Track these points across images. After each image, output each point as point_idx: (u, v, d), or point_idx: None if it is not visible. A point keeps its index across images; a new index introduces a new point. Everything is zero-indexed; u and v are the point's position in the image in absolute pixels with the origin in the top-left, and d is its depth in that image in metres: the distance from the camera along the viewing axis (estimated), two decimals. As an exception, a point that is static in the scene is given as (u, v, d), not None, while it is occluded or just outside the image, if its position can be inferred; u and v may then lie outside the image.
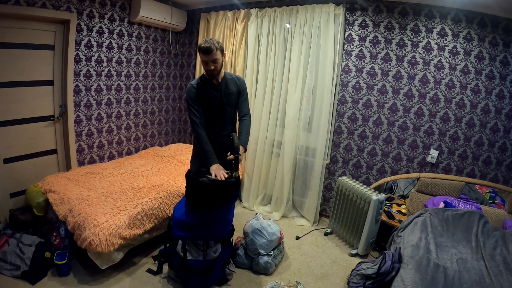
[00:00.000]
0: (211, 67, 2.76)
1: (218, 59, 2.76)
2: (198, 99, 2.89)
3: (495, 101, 3.47)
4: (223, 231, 2.87)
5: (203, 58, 2.75)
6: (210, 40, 2.72)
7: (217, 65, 2.78)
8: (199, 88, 2.89)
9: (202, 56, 2.74)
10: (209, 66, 2.76)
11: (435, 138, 3.77)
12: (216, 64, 2.77)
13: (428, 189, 3.69)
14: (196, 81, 2.93)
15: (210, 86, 2.91)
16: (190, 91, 2.90)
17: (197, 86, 2.90)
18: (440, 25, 3.57)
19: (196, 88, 2.89)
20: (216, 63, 2.76)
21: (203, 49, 2.69)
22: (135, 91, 4.96)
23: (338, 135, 4.31)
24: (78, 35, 3.95)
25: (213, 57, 2.72)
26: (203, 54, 2.72)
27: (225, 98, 2.96)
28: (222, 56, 2.84)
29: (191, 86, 2.91)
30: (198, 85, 2.90)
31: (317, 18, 3.98)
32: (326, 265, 3.45)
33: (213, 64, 2.75)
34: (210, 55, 2.71)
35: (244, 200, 4.84)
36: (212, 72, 2.80)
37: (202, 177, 2.64)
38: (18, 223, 3.36)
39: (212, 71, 2.79)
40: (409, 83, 3.80)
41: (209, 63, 2.75)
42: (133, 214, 3.00)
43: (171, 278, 3.03)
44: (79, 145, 4.27)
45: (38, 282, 2.81)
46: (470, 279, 2.29)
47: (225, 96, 2.96)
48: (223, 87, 2.95)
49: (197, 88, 2.89)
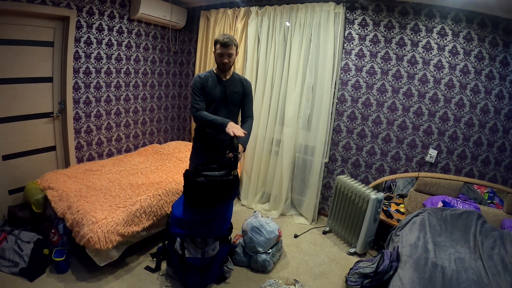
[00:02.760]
0: (225, 60, 2.90)
1: (233, 54, 2.93)
2: (202, 89, 2.96)
3: (494, 102, 3.47)
4: (222, 229, 2.88)
5: (220, 50, 2.88)
6: (228, 35, 2.90)
7: (230, 60, 2.93)
8: (206, 80, 2.99)
9: (220, 48, 2.88)
10: (224, 58, 2.90)
11: (434, 138, 3.77)
12: (231, 58, 2.93)
13: (426, 188, 3.70)
14: (204, 74, 3.05)
15: (217, 81, 3.01)
16: (196, 81, 2.97)
17: (204, 77, 3.00)
18: (440, 24, 3.56)
19: (203, 79, 2.98)
20: (230, 57, 2.92)
21: (222, 42, 2.85)
22: (135, 89, 4.95)
23: (337, 134, 4.31)
24: (77, 32, 3.93)
25: (230, 51, 2.88)
26: (221, 47, 2.87)
27: (229, 95, 3.04)
28: (236, 53, 3.01)
29: (198, 77, 3.00)
30: (205, 77, 3.01)
31: (317, 16, 3.98)
32: (324, 263, 3.45)
33: (228, 58, 2.90)
34: (227, 48, 2.86)
35: (243, 198, 4.84)
36: (225, 65, 2.93)
37: (199, 177, 2.63)
38: (16, 220, 3.36)
39: (226, 64, 2.93)
40: (408, 83, 3.80)
41: (225, 56, 2.89)
42: (132, 212, 3.00)
43: (169, 275, 3.03)
44: (78, 142, 4.27)
45: (36, 279, 2.81)
46: (468, 278, 2.29)
47: (229, 93, 3.04)
48: (229, 84, 3.05)
49: (204, 79, 2.98)
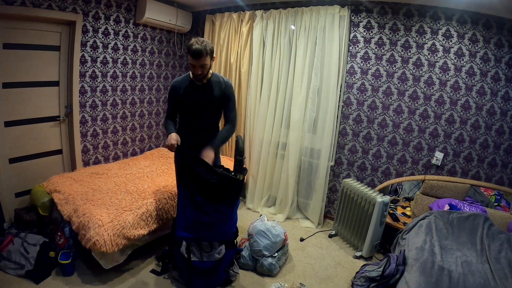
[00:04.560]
0: (198, 71, 2.67)
1: (206, 64, 2.66)
2: (175, 97, 2.88)
3: (500, 103, 3.45)
4: (228, 233, 2.87)
5: (191, 61, 2.62)
6: (201, 42, 2.58)
7: (204, 70, 2.68)
8: (181, 86, 2.85)
9: (190, 59, 2.61)
10: (196, 70, 2.67)
11: (440, 140, 3.75)
12: (204, 69, 2.67)
13: (433, 191, 3.67)
14: (181, 78, 2.91)
15: (192, 87, 2.84)
16: (170, 88, 2.92)
17: (179, 83, 2.87)
18: (445, 26, 3.55)
19: (177, 86, 2.87)
20: (204, 67, 2.66)
21: (192, 52, 2.56)
22: (141, 92, 4.97)
23: (343, 137, 4.30)
24: (83, 36, 3.97)
25: (202, 62, 2.61)
26: (192, 58, 2.59)
27: (206, 102, 2.87)
28: (212, 60, 2.73)
29: (173, 82, 2.92)
30: (180, 82, 2.87)
31: (322, 19, 3.98)
32: (330, 267, 3.44)
33: (201, 69, 2.65)
34: (199, 60, 2.59)
35: (249, 201, 4.83)
36: (198, 76, 2.72)
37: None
38: (23, 223, 3.38)
39: (199, 76, 2.71)
40: (414, 85, 3.79)
41: (197, 68, 2.64)
42: (138, 215, 3.01)
43: (175, 279, 3.03)
44: (84, 146, 4.29)
45: (42, 281, 2.82)
46: (474, 282, 2.27)
47: (206, 100, 2.86)
48: (206, 90, 2.85)
49: (178, 86, 2.86)
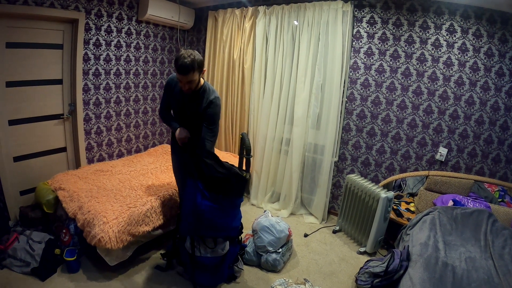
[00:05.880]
0: (185, 87, 2.54)
1: (194, 80, 2.51)
2: (169, 92, 2.84)
3: (504, 99, 3.43)
4: (232, 229, 2.87)
5: (178, 76, 2.49)
6: (190, 56, 2.41)
7: (192, 85, 2.55)
8: (176, 84, 2.74)
9: (177, 74, 2.49)
10: (183, 85, 2.54)
11: (444, 136, 3.74)
12: (191, 84, 2.53)
13: (437, 187, 3.67)
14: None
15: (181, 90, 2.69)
16: (166, 81, 2.86)
17: (174, 82, 2.78)
18: (449, 21, 3.53)
19: (172, 82, 2.80)
20: (191, 83, 2.52)
21: (179, 67, 2.40)
22: (144, 89, 4.98)
23: (346, 133, 4.29)
24: (86, 34, 3.98)
25: (190, 78, 2.46)
26: (178, 73, 2.45)
27: (193, 110, 2.77)
28: (200, 74, 2.57)
29: (170, 77, 2.84)
30: (176, 81, 2.74)
31: (325, 15, 3.96)
32: (334, 262, 3.45)
33: (188, 84, 2.52)
34: (186, 76, 2.44)
35: (253, 197, 4.84)
36: (185, 91, 2.60)
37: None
38: (28, 220, 3.41)
39: (187, 91, 2.59)
40: (418, 80, 3.77)
41: (183, 83, 2.51)
42: (142, 212, 3.02)
43: (179, 274, 3.04)
44: (88, 143, 4.31)
45: (47, 278, 2.84)
46: (478, 278, 2.27)
47: (193, 109, 2.76)
48: (193, 99, 2.75)
49: (174, 83, 2.79)
